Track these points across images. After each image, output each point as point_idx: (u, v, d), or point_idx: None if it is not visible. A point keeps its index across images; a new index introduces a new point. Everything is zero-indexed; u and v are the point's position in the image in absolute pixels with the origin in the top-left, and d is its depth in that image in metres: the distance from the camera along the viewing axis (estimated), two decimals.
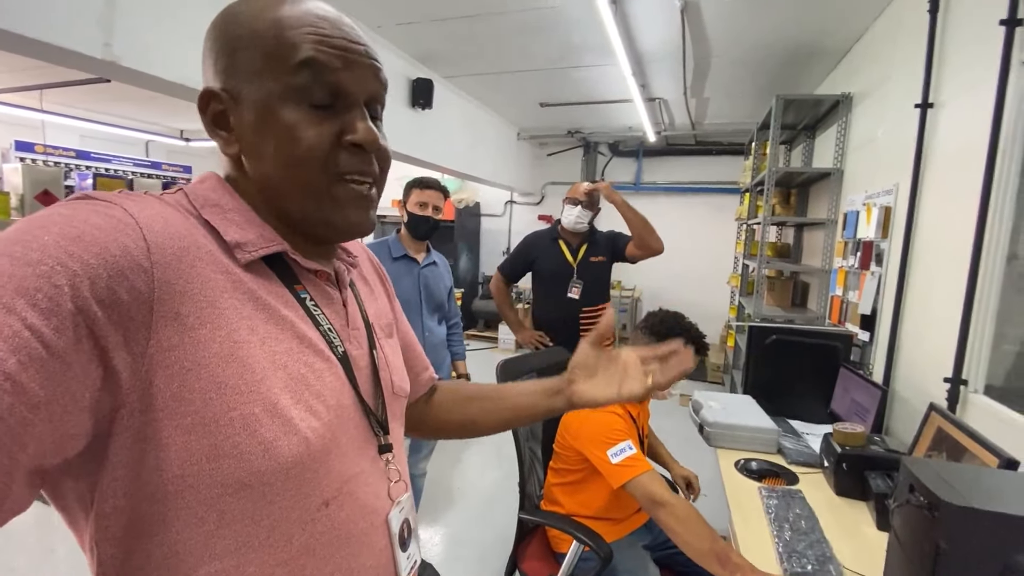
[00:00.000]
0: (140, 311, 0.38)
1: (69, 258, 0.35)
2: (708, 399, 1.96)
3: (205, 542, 0.42)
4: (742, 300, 3.97)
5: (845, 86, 2.92)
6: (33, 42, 1.61)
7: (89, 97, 4.79)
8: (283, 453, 0.43)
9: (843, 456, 1.40)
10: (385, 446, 0.56)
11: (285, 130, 0.47)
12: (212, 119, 0.50)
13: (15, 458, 0.33)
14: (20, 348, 0.32)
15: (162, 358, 0.39)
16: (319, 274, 0.54)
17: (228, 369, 0.42)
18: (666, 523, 1.18)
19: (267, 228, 0.49)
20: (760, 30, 2.88)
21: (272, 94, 0.47)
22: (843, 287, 2.59)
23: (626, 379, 0.66)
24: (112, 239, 0.38)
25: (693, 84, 3.85)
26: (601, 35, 2.83)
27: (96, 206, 0.40)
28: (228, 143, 0.50)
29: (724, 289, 5.32)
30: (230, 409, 0.41)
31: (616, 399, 0.66)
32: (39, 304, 0.33)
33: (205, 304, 0.42)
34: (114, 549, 0.41)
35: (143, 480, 0.39)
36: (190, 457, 0.40)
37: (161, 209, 0.43)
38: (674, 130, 5.28)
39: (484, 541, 2.30)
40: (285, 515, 0.45)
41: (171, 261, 0.41)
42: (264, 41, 0.47)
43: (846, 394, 1.91)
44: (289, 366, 0.46)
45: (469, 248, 6.43)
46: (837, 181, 2.87)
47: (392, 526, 0.55)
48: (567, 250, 2.35)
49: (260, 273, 0.48)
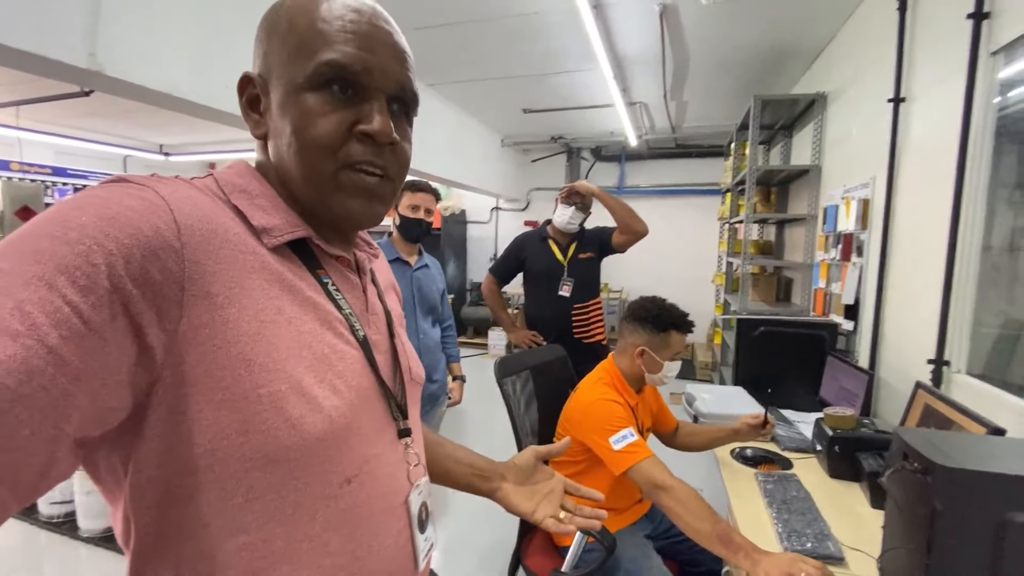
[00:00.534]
0: (172, 290, 0.39)
1: (105, 238, 0.36)
2: (701, 391, 2.00)
3: (234, 515, 0.43)
4: (728, 297, 4.03)
5: (820, 85, 3.01)
6: (18, 52, 1.59)
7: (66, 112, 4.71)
8: (309, 430, 0.45)
9: (835, 439, 1.44)
10: (404, 430, 0.57)
11: (301, 115, 0.48)
12: (247, 102, 0.53)
13: (60, 427, 0.34)
14: (61, 323, 0.34)
15: (194, 335, 0.40)
16: (340, 260, 0.56)
17: (256, 347, 0.43)
18: (669, 506, 1.20)
19: (292, 214, 0.51)
20: (736, 33, 2.97)
21: (295, 81, 0.49)
22: (826, 279, 2.66)
23: (544, 503, 0.72)
24: (145, 220, 0.39)
25: (673, 87, 3.93)
26: (583, 40, 2.88)
27: (129, 188, 0.41)
28: (257, 125, 0.53)
29: (710, 288, 5.41)
30: (258, 386, 0.42)
31: (529, 517, 0.71)
32: (78, 281, 0.35)
33: (233, 284, 0.43)
34: (149, 518, 0.42)
35: (176, 453, 0.41)
36: (220, 431, 0.41)
37: (191, 192, 0.45)
38: (655, 134, 5.38)
39: (486, 541, 2.29)
40: (309, 491, 0.46)
41: (200, 242, 0.42)
42: (298, 31, 0.49)
43: (834, 381, 1.96)
44: (313, 346, 0.48)
45: (456, 255, 6.43)
46: (816, 177, 2.95)
47: (412, 507, 0.56)
48: (557, 249, 2.37)
49: (285, 256, 0.50)
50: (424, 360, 1.86)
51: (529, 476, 0.74)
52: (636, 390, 1.50)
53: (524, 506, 0.71)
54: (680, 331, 1.44)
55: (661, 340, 1.44)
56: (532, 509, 0.70)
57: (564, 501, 0.73)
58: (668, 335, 1.43)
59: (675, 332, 1.44)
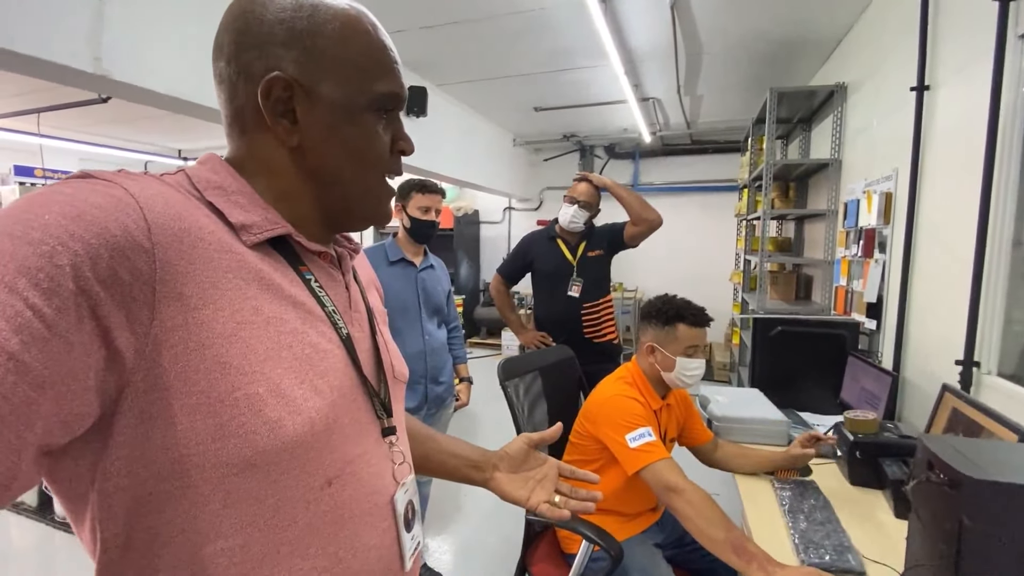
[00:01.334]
0: (142, 291, 0.38)
1: (70, 238, 0.35)
2: (715, 393, 1.93)
3: (211, 521, 0.42)
4: (745, 296, 3.94)
5: (839, 76, 2.91)
6: (25, 58, 1.61)
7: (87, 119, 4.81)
8: (288, 433, 0.44)
9: (856, 444, 1.37)
10: (389, 429, 0.56)
11: (363, 135, 0.52)
12: (275, 105, 0.49)
13: (22, 437, 0.33)
14: (23, 328, 0.32)
15: (166, 338, 0.39)
16: (322, 256, 0.55)
17: (232, 349, 0.42)
18: (681, 511, 1.15)
19: (271, 211, 0.50)
20: (750, 24, 2.89)
21: (355, 101, 0.51)
22: (847, 277, 2.57)
23: (538, 489, 0.72)
24: (112, 219, 0.37)
25: (686, 82, 3.85)
26: (592, 35, 2.83)
27: (96, 185, 0.39)
28: (290, 133, 0.50)
29: (727, 287, 5.30)
30: (234, 389, 0.41)
31: (524, 504, 0.71)
32: (41, 284, 0.33)
33: (208, 285, 0.42)
34: (116, 528, 0.41)
35: (148, 459, 0.39)
36: (195, 437, 0.40)
37: (161, 189, 0.43)
38: (669, 130, 5.29)
39: (492, 547, 2.26)
40: (289, 494, 0.45)
41: (172, 241, 0.40)
42: (355, 52, 0.51)
43: (855, 383, 1.88)
44: (293, 346, 0.46)
45: (469, 256, 6.41)
46: (836, 171, 2.85)
47: (397, 507, 0.55)
48: (566, 248, 2.32)
49: (265, 254, 0.48)
50: (430, 362, 1.83)
51: (522, 463, 0.74)
52: (661, 394, 1.44)
53: (518, 493, 0.71)
54: (688, 323, 1.38)
55: (667, 334, 1.38)
56: (526, 496, 0.70)
57: (559, 485, 0.72)
58: (674, 328, 1.38)
59: (682, 324, 1.37)
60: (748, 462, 1.47)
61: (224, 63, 0.49)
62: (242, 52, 0.48)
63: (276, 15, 0.49)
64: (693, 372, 1.38)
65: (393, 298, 1.77)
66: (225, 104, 0.51)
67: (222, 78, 0.50)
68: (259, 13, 0.49)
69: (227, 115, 0.51)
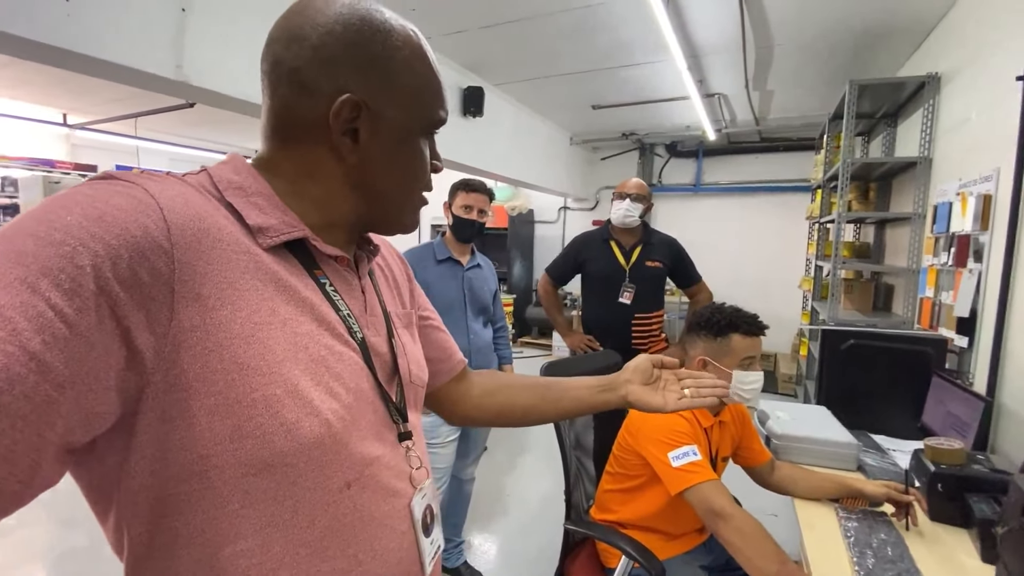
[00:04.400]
0: (161, 292, 0.38)
1: (91, 239, 0.35)
2: (775, 409, 1.80)
3: (230, 522, 0.42)
4: (815, 305, 3.67)
5: (931, 66, 2.64)
6: (115, 66, 1.77)
7: (176, 123, 5.24)
8: (305, 434, 0.44)
9: (938, 476, 1.22)
10: (405, 433, 0.56)
11: (418, 158, 0.55)
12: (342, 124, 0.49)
13: (43, 435, 0.34)
14: (44, 328, 0.33)
15: (184, 339, 0.39)
16: (339, 260, 0.54)
17: (250, 350, 0.42)
18: (727, 538, 1.07)
19: (289, 213, 0.50)
20: (829, 12, 2.67)
21: (412, 126, 0.53)
22: (934, 288, 2.32)
23: (667, 393, 0.71)
24: (133, 220, 0.38)
25: (755, 76, 3.64)
26: (652, 30, 2.73)
27: (117, 186, 0.40)
28: (351, 152, 0.51)
29: (796, 294, 4.97)
30: (252, 390, 0.41)
31: (661, 408, 0.70)
32: (62, 284, 0.34)
33: (225, 285, 0.42)
34: (142, 527, 0.42)
35: (169, 460, 0.40)
36: (214, 437, 0.40)
37: (182, 190, 0.44)
38: (736, 127, 5.03)
39: (533, 550, 2.23)
40: (308, 496, 0.45)
41: (191, 242, 0.41)
42: (418, 80, 0.53)
43: (940, 406, 1.69)
44: (310, 348, 0.46)
45: (522, 255, 6.41)
46: (924, 170, 2.59)
47: (415, 512, 0.55)
48: (619, 252, 2.24)
49: (281, 257, 0.48)
50: (475, 362, 1.83)
51: (649, 377, 0.73)
52: (713, 412, 1.35)
53: (654, 401, 0.71)
54: (743, 332, 1.28)
55: (720, 345, 1.29)
56: (662, 401, 0.71)
57: (684, 382, 0.72)
58: (728, 339, 1.28)
59: (736, 335, 1.28)
60: (810, 485, 1.35)
61: (284, 73, 0.49)
62: (309, 66, 0.48)
63: (351, 35, 0.48)
64: (752, 385, 1.28)
65: (439, 296, 1.79)
66: (276, 109, 0.50)
67: (279, 85, 0.49)
68: (329, 27, 0.48)
69: (274, 119, 0.51)
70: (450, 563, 2.03)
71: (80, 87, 4.11)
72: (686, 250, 2.34)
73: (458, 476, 1.99)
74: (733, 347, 1.28)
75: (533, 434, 3.62)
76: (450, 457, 1.81)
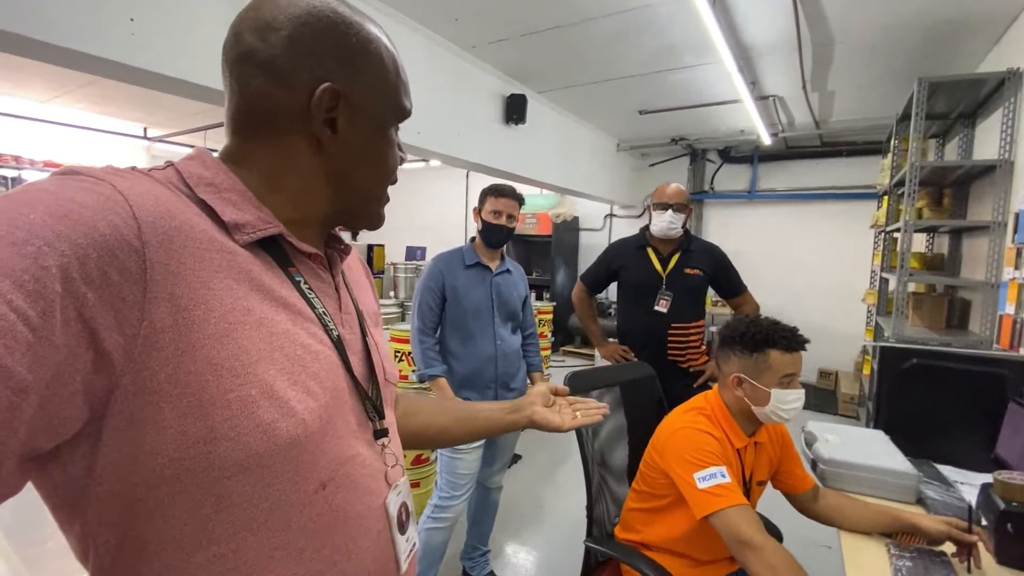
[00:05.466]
0: (132, 291, 0.37)
1: (56, 238, 0.34)
2: (825, 431, 1.67)
3: (203, 526, 0.41)
4: (880, 320, 3.40)
5: (1012, 61, 2.40)
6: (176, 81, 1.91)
7: None
8: (281, 435, 0.43)
9: (1008, 514, 1.08)
10: (381, 431, 0.56)
11: (388, 147, 0.56)
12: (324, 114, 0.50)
13: (5, 443, 0.32)
14: (6, 332, 0.32)
15: (156, 340, 0.38)
16: (313, 257, 0.54)
17: (224, 351, 0.41)
18: (754, 570, 0.99)
19: (264, 209, 0.49)
20: (893, 6, 2.49)
21: (384, 116, 0.55)
22: (1016, 304, 2.09)
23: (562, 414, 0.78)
24: (101, 218, 0.36)
25: (813, 77, 3.44)
26: (700, 31, 2.64)
27: (83, 182, 0.39)
28: (331, 141, 0.52)
29: (859, 308, 4.64)
30: (227, 391, 0.40)
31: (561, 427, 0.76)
32: (26, 286, 0.32)
33: (199, 285, 0.41)
34: (109, 534, 0.40)
35: (139, 464, 0.39)
36: (186, 440, 0.39)
37: (151, 186, 0.42)
38: (794, 131, 4.77)
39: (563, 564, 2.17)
40: (283, 497, 0.45)
41: (163, 240, 0.39)
42: (390, 73, 0.55)
43: (1017, 436, 1.51)
44: (285, 347, 0.46)
45: (567, 263, 6.34)
46: (1005, 175, 2.35)
47: (390, 509, 0.54)
48: (656, 259, 2.16)
49: (256, 254, 0.47)
50: (500, 367, 1.81)
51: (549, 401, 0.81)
52: (748, 432, 1.26)
53: (555, 420, 0.77)
54: (781, 348, 1.18)
55: (757, 362, 1.20)
56: (560, 421, 0.77)
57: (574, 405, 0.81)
58: (765, 355, 1.19)
59: (774, 351, 1.18)
60: (860, 517, 1.22)
61: (257, 62, 0.48)
62: (285, 55, 0.48)
63: (327, 27, 0.49)
64: (792, 405, 1.19)
65: (467, 301, 1.78)
66: (249, 100, 0.49)
67: (252, 75, 0.48)
68: (301, 17, 0.48)
69: (245, 110, 0.50)
70: (476, 572, 2.01)
71: (155, 103, 4.46)
72: (730, 259, 2.22)
73: (485, 484, 1.97)
74: (771, 364, 1.19)
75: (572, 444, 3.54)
76: (475, 464, 1.79)
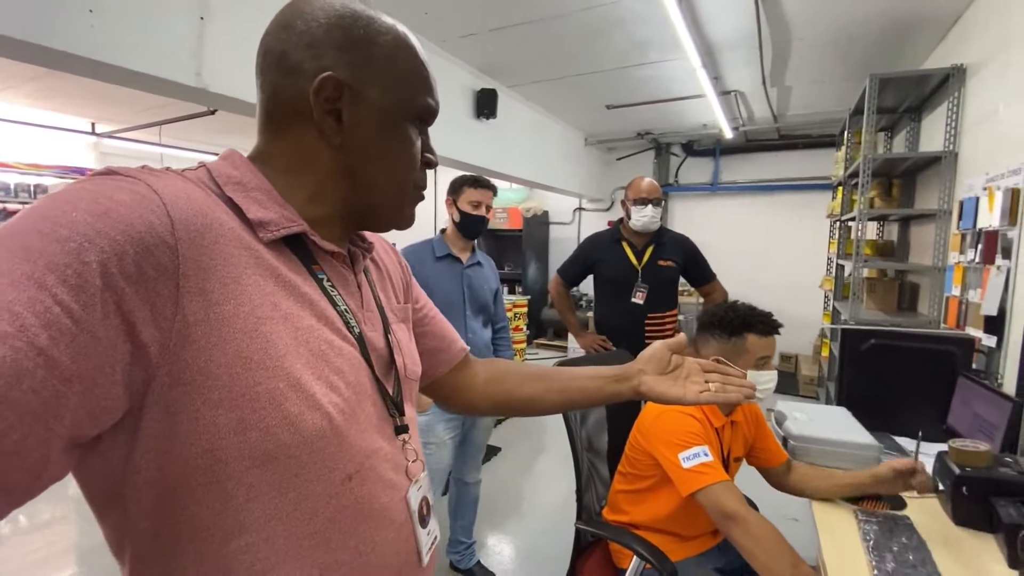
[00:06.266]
0: (166, 286, 0.39)
1: (97, 235, 0.36)
2: (793, 410, 1.76)
3: (235, 515, 0.43)
4: (837, 305, 3.59)
5: (956, 57, 2.56)
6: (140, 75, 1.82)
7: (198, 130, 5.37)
8: (308, 427, 0.44)
9: (963, 478, 1.18)
10: (402, 427, 0.57)
11: (400, 143, 0.54)
12: (324, 103, 0.50)
13: (52, 429, 0.34)
14: (51, 323, 0.33)
15: (189, 333, 0.40)
16: (335, 255, 0.55)
17: (253, 344, 0.42)
18: (740, 542, 1.05)
19: (288, 208, 0.50)
20: (848, 5, 2.61)
21: (398, 110, 0.53)
22: (961, 286, 2.25)
23: (689, 384, 0.69)
24: (137, 215, 0.38)
25: (772, 72, 3.58)
26: (666, 28, 2.71)
27: (120, 182, 0.40)
28: (336, 133, 0.51)
29: (817, 294, 4.86)
30: (255, 384, 0.42)
31: (680, 400, 0.68)
32: (69, 280, 0.34)
33: (229, 280, 0.43)
34: (146, 523, 0.42)
35: (174, 454, 0.40)
36: (218, 431, 0.41)
37: (184, 186, 0.44)
38: (754, 124, 4.94)
39: (548, 552, 2.22)
40: (310, 488, 0.46)
41: (195, 237, 0.41)
42: (403, 66, 0.53)
43: (966, 407, 1.64)
44: (310, 342, 0.47)
45: (537, 257, 6.39)
46: (950, 165, 2.51)
47: (411, 503, 0.56)
48: (631, 252, 2.22)
49: (280, 252, 0.49)
50: None
51: (666, 366, 0.71)
52: (725, 411, 1.33)
53: (672, 392, 0.69)
54: (758, 332, 1.25)
55: (735, 346, 1.27)
56: (681, 393, 0.68)
57: (708, 376, 0.70)
58: (743, 339, 1.26)
59: (751, 335, 1.25)
60: (827, 484, 1.32)
61: (273, 59, 0.51)
62: (295, 50, 0.50)
63: (334, 20, 0.50)
64: (766, 385, 1.26)
65: (437, 294, 1.76)
66: (267, 96, 0.52)
67: (268, 73, 0.51)
68: (315, 15, 0.50)
69: (265, 109, 0.52)
70: (463, 564, 2.03)
71: (107, 97, 4.24)
72: (699, 249, 2.30)
73: (463, 479, 1.98)
74: (748, 347, 1.26)
75: (549, 435, 3.60)
76: (447, 458, 1.79)
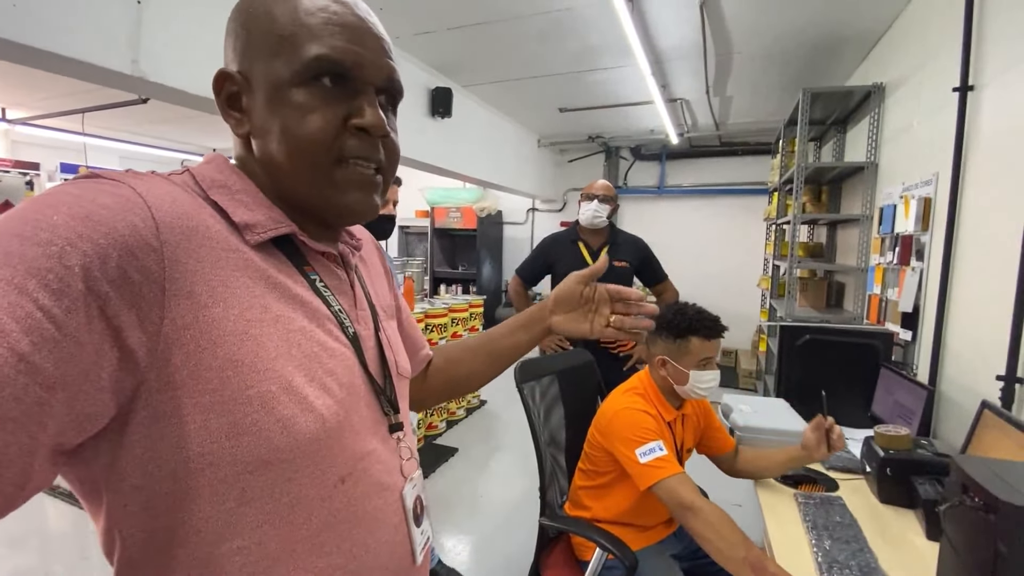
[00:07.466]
0: (152, 290, 0.38)
1: (79, 238, 0.35)
2: (738, 402, 1.88)
3: (227, 519, 0.42)
4: (773, 303, 3.83)
5: (877, 76, 2.81)
6: (72, 61, 1.68)
7: (128, 119, 5.01)
8: (301, 430, 0.44)
9: (887, 460, 1.31)
10: (396, 425, 0.57)
11: (293, 112, 0.47)
12: (226, 100, 0.50)
13: (35, 438, 0.33)
14: (32, 329, 0.32)
15: (177, 336, 0.39)
16: (327, 256, 0.55)
17: (243, 348, 0.42)
18: (696, 529, 1.12)
19: (275, 210, 0.50)
20: (785, 22, 2.80)
21: (283, 76, 0.47)
22: (881, 285, 2.47)
23: (595, 316, 0.69)
24: (120, 218, 0.37)
25: (715, 82, 3.77)
26: (619, 35, 2.79)
27: (103, 185, 0.39)
28: (239, 124, 0.50)
29: (755, 292, 5.17)
30: (247, 387, 0.41)
31: (589, 334, 0.69)
32: (50, 285, 0.33)
33: (217, 283, 0.42)
34: (134, 528, 0.41)
35: (163, 459, 0.39)
36: (209, 435, 0.40)
37: (169, 188, 0.43)
38: (698, 131, 5.19)
39: (508, 549, 2.25)
40: (304, 492, 0.45)
41: (180, 240, 0.40)
42: (280, 24, 0.47)
43: (888, 396, 1.80)
44: (303, 344, 0.46)
45: (492, 256, 6.42)
46: (871, 175, 2.75)
47: (406, 502, 0.55)
48: (587, 252, 2.29)
49: (269, 254, 0.48)
50: None
51: (575, 302, 0.70)
52: (676, 405, 1.40)
53: (581, 328, 0.69)
54: (701, 336, 1.32)
55: (679, 347, 1.34)
56: (587, 328, 0.69)
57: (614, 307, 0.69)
58: (687, 341, 1.33)
59: (695, 338, 1.32)
60: (769, 463, 1.42)
61: None
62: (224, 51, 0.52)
63: (236, 15, 0.50)
64: (707, 384, 1.34)
65: None
66: None
67: None
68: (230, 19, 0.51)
69: None
70: None
71: (22, 80, 3.88)
72: (652, 249, 2.40)
73: None
74: (691, 349, 1.32)
75: (508, 434, 3.63)
76: None
